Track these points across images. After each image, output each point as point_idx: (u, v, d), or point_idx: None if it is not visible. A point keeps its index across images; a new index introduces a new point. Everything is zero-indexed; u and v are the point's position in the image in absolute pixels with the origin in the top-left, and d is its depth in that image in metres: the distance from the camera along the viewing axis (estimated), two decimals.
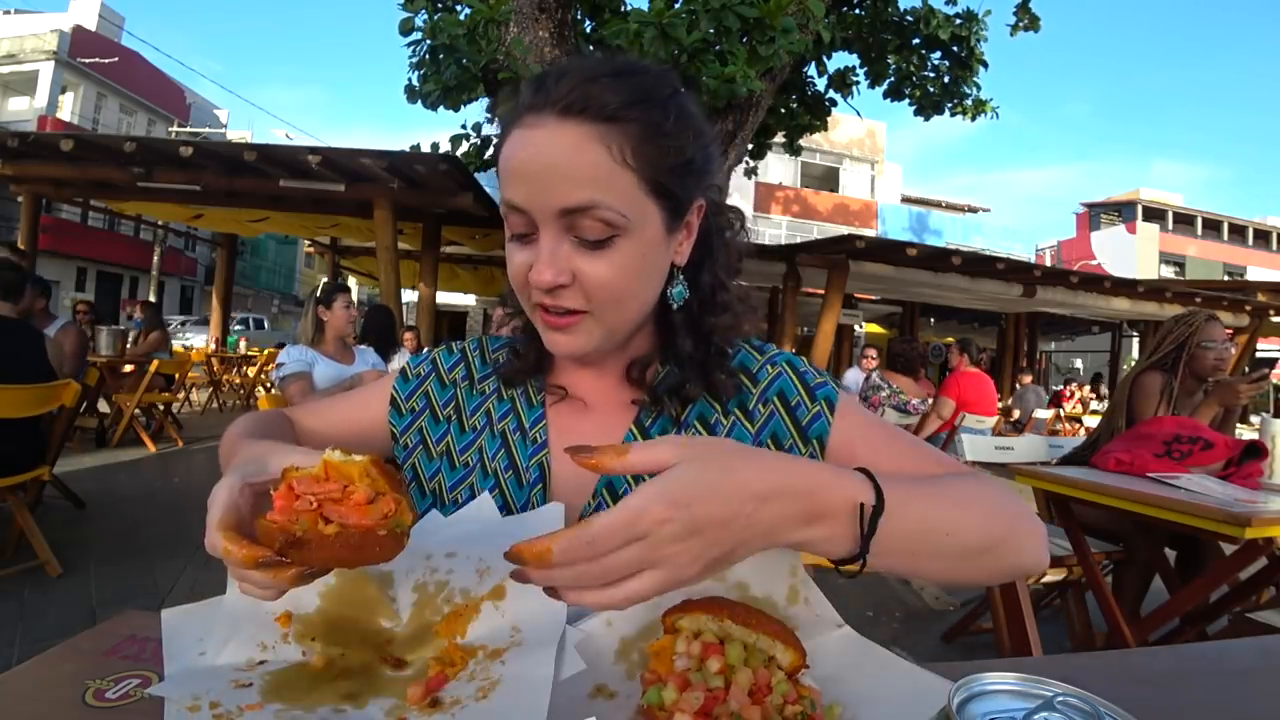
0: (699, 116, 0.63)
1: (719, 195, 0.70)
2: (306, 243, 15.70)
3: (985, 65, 6.71)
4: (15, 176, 7.06)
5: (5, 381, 2.46)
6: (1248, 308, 9.77)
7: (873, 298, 12.72)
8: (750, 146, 6.84)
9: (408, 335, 5.39)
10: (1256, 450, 1.94)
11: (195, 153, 6.19)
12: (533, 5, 4.59)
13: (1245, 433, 3.68)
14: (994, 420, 4.97)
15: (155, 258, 20.29)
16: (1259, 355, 11.53)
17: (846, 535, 0.46)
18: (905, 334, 12.23)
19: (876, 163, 23.95)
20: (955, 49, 6.62)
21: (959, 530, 0.52)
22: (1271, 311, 9.90)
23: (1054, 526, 2.18)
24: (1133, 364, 2.91)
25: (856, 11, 6.65)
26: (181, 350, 7.93)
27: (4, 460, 2.52)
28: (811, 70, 7.19)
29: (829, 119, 7.55)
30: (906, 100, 7.13)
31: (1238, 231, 31.08)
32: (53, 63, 20.64)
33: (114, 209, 10.40)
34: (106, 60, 21.44)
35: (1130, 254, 28.32)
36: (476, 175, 6.58)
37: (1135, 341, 15.42)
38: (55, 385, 2.67)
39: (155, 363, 5.31)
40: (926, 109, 7.05)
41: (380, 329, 4.25)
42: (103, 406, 5.73)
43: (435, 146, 6.14)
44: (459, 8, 5.50)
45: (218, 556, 0.45)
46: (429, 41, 4.94)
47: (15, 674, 0.51)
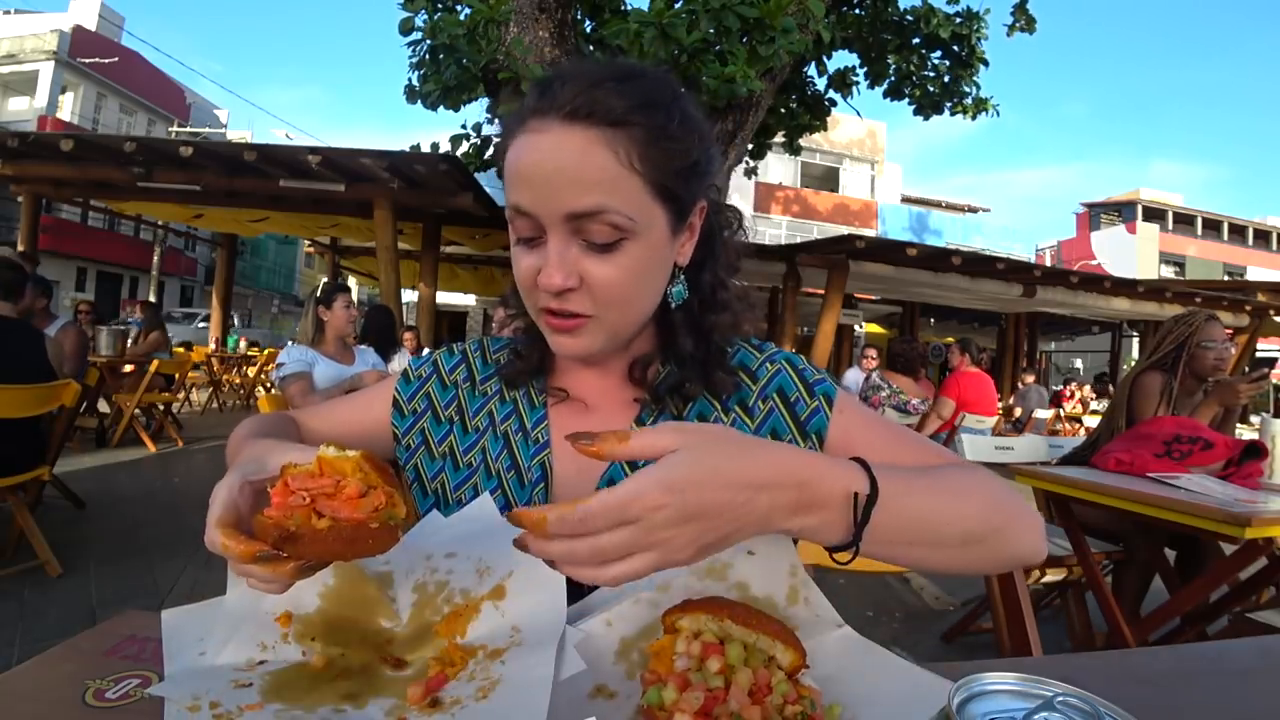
0: (700, 118, 0.64)
1: (719, 195, 0.71)
2: (306, 243, 15.70)
3: (985, 64, 6.71)
4: (15, 176, 7.06)
5: (5, 381, 2.45)
6: (1248, 308, 9.78)
7: (873, 298, 12.72)
8: (750, 146, 6.84)
9: (408, 335, 5.39)
10: (1256, 450, 1.94)
11: (195, 153, 6.19)
12: (533, 5, 4.59)
13: (1245, 433, 3.69)
14: (994, 420, 4.97)
15: (155, 258, 20.29)
16: (1259, 355, 11.54)
17: (840, 523, 0.46)
18: (905, 334, 12.23)
19: (876, 163, 23.94)
20: (955, 48, 6.62)
21: (955, 520, 0.52)
22: (1271, 311, 9.91)
23: (1054, 526, 2.18)
24: (1133, 364, 2.91)
25: (856, 11, 6.65)
26: (182, 350, 7.93)
27: (4, 460, 2.52)
28: (811, 70, 7.19)
29: (829, 119, 7.56)
30: (906, 100, 7.13)
31: (1238, 231, 31.08)
32: (53, 63, 20.63)
33: (114, 209, 10.41)
34: (106, 60, 21.44)
35: (1130, 254, 28.32)
36: (476, 175, 6.58)
37: (1135, 341, 15.42)
38: (55, 385, 2.67)
39: (155, 363, 5.31)
40: (926, 108, 7.06)
41: (380, 329, 4.24)
42: (103, 406, 5.72)
43: (435, 146, 6.14)
44: (459, 8, 5.50)
45: (217, 553, 0.47)
46: (429, 41, 4.94)
47: (15, 674, 0.51)
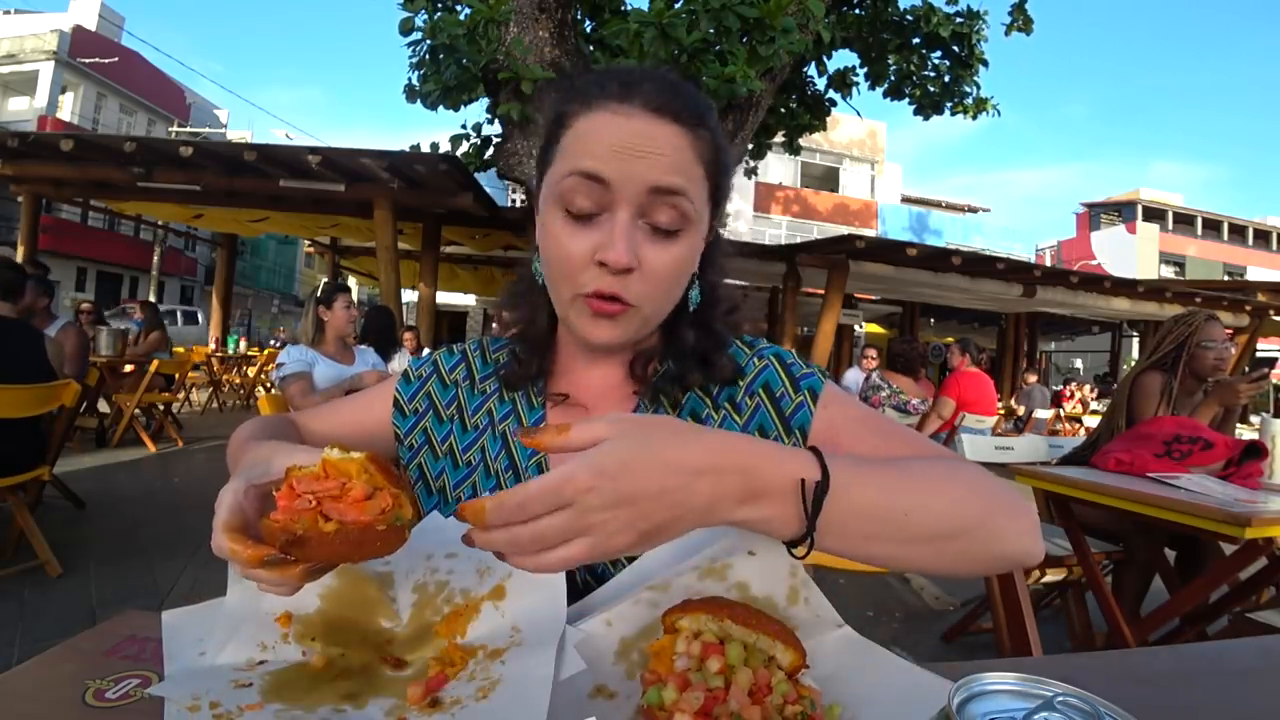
0: None
1: None
2: (306, 243, 15.70)
3: (985, 64, 6.70)
4: (15, 176, 7.06)
5: (5, 381, 2.45)
6: (1248, 308, 9.78)
7: (873, 298, 12.73)
8: (750, 146, 6.85)
9: (408, 335, 5.40)
10: (1256, 450, 1.94)
11: (195, 153, 6.18)
12: (533, 5, 4.59)
13: (1245, 433, 3.69)
14: (994, 420, 4.97)
15: (155, 258, 20.31)
16: (1259, 355, 11.54)
17: (791, 516, 0.44)
18: (905, 334, 12.22)
19: (876, 163, 23.93)
20: (956, 48, 6.62)
21: (920, 511, 0.48)
22: (1271, 311, 9.91)
23: (1054, 526, 2.19)
24: (1133, 364, 2.91)
25: (856, 11, 6.65)
26: (182, 350, 7.93)
27: (4, 460, 2.52)
28: (811, 70, 7.19)
29: (829, 119, 7.57)
30: (906, 100, 7.14)
31: (1238, 231, 31.07)
32: (53, 63, 20.63)
33: (114, 209, 10.41)
34: (106, 60, 21.43)
35: (1130, 254, 28.32)
36: (476, 175, 6.58)
37: (1135, 341, 15.43)
38: (55, 385, 2.66)
39: (155, 363, 5.31)
40: (926, 108, 7.06)
41: (380, 329, 4.24)
42: (103, 406, 5.72)
43: (435, 146, 6.14)
44: (459, 8, 5.50)
45: (225, 558, 0.47)
46: (429, 41, 4.93)
47: (15, 674, 0.51)
